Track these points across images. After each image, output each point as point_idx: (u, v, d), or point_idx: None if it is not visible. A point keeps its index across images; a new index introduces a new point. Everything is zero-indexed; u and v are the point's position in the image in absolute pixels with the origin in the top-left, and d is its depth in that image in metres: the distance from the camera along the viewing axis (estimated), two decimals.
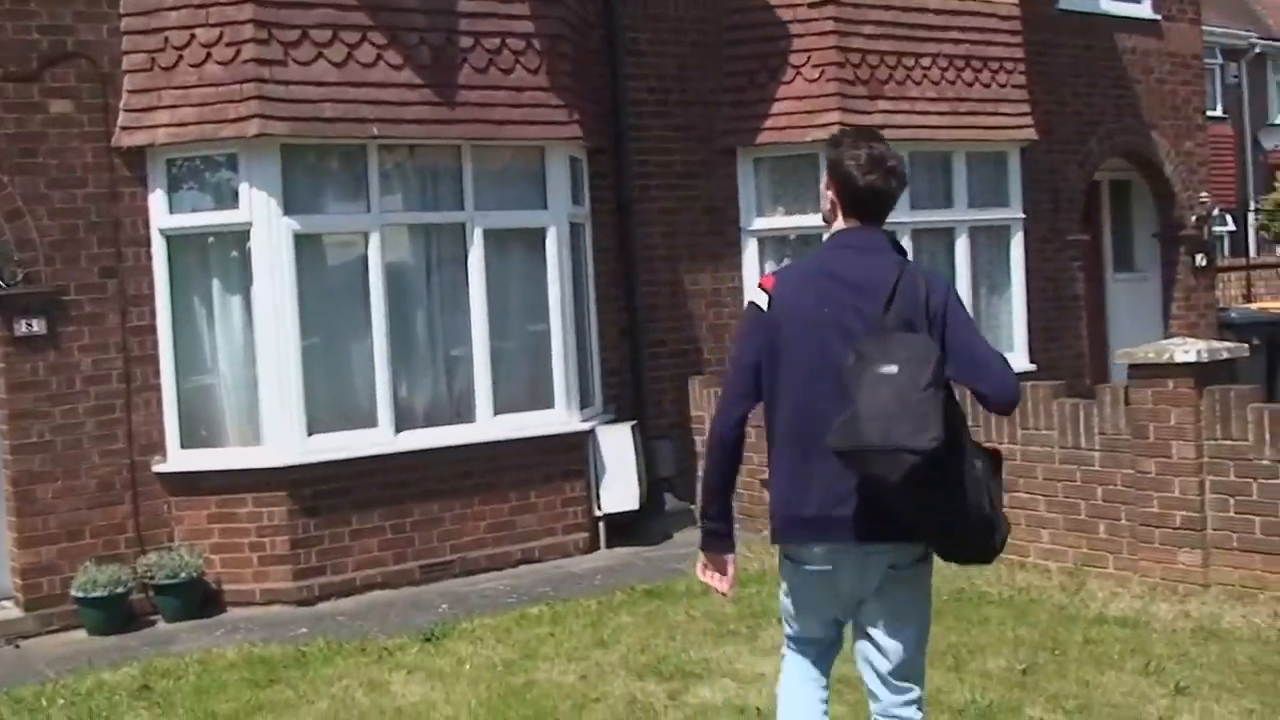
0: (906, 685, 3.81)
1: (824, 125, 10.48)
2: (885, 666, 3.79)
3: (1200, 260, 14.40)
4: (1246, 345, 7.73)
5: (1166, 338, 12.44)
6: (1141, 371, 7.37)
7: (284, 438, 8.51)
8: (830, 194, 3.89)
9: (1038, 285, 12.45)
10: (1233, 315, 14.63)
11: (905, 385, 3.50)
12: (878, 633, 3.79)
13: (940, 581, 4.47)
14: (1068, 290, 13.12)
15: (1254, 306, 16.79)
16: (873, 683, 3.84)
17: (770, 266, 10.98)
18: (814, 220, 10.55)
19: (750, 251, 11.00)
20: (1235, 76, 30.02)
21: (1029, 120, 11.76)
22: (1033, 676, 5.96)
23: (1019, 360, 11.45)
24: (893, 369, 3.52)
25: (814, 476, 3.71)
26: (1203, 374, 7.13)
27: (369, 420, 8.83)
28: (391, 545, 8.80)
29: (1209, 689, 5.66)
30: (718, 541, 3.95)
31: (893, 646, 3.78)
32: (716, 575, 3.97)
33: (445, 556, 8.99)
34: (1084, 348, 13.27)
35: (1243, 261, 22.37)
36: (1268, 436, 6.80)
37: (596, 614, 7.60)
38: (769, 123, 10.81)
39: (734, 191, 10.97)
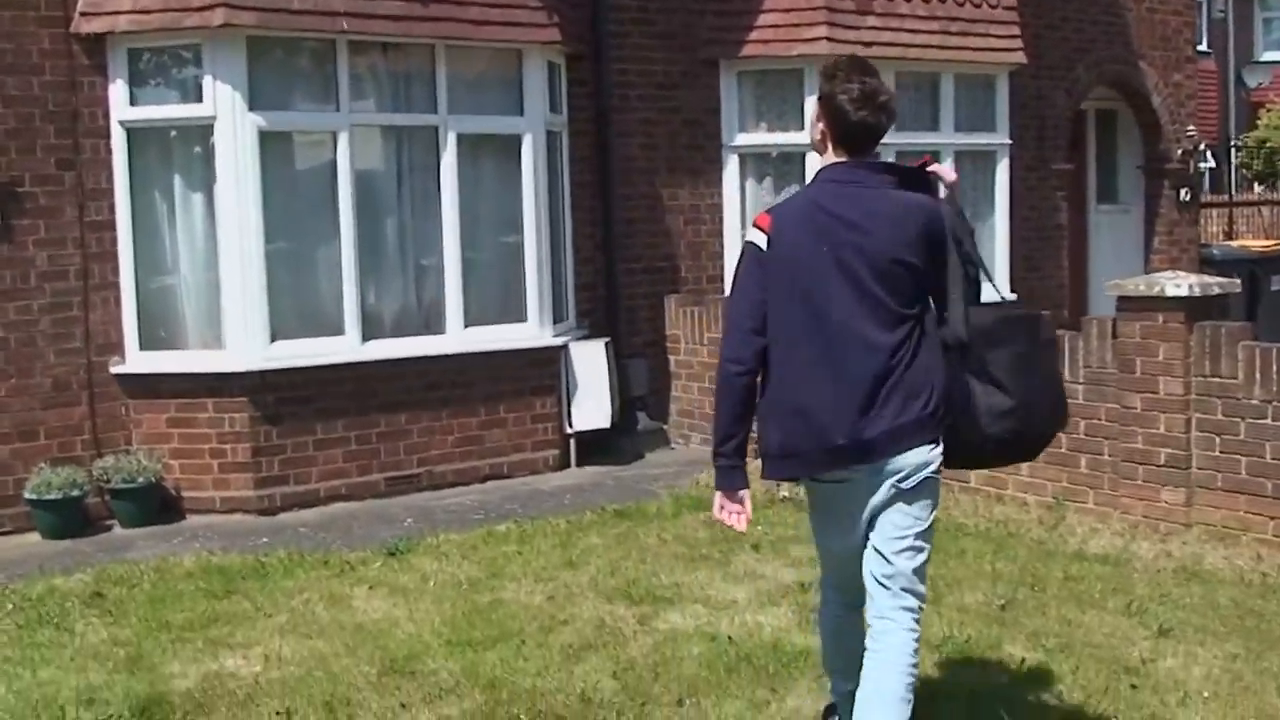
0: (904, 593, 3.83)
1: (810, 40, 10.22)
2: (885, 570, 3.82)
3: (1185, 195, 14.21)
4: (1239, 281, 7.54)
5: (1148, 272, 12.30)
6: (1130, 304, 7.19)
7: (246, 342, 8.25)
8: (821, 125, 3.90)
9: (1021, 213, 12.22)
10: (1214, 252, 14.45)
11: (1045, 373, 3.88)
12: (882, 539, 3.83)
13: None
14: (1050, 220, 12.91)
15: (1235, 243, 16.64)
16: (873, 587, 3.87)
17: (751, 184, 10.74)
18: (797, 138, 10.32)
19: (731, 168, 10.71)
20: (1221, 11, 29.64)
21: (1019, 43, 11.48)
22: (1012, 612, 5.83)
23: (1000, 289, 11.28)
24: (1021, 349, 3.77)
25: (827, 406, 3.76)
26: (1193, 309, 6.95)
27: (335, 328, 8.58)
28: (356, 456, 8.59)
29: (1193, 632, 5.53)
30: (736, 476, 3.95)
31: (894, 549, 3.81)
32: (734, 514, 3.97)
33: (411, 469, 8.78)
34: (1065, 279, 13.11)
35: (1225, 198, 22.14)
36: (1258, 376, 6.64)
37: (565, 534, 7.43)
38: (754, 35, 10.48)
39: (716, 105, 10.65)
